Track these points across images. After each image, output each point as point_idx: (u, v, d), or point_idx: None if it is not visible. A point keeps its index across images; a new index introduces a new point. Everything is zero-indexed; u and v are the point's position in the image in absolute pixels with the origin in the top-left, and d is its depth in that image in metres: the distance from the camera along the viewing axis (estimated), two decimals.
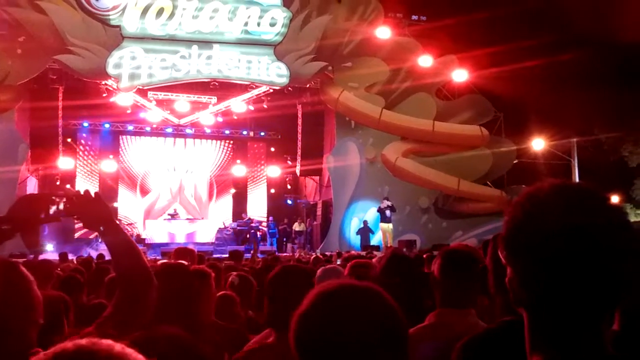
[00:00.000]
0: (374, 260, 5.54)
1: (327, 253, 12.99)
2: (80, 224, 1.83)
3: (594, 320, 0.98)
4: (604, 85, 19.26)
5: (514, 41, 17.16)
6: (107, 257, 6.94)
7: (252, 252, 14.75)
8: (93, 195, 1.82)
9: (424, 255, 6.13)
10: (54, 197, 1.75)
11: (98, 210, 1.78)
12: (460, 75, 18.82)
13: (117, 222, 1.85)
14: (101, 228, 1.78)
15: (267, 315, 2.57)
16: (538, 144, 20.76)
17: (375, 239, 17.63)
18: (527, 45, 17.36)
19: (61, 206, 1.75)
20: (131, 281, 1.73)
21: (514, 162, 19.82)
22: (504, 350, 1.66)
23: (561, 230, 0.97)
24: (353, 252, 13.28)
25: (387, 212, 17.07)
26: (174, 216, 20.10)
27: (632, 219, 25.13)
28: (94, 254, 13.50)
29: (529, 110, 21.03)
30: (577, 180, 21.35)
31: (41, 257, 13.25)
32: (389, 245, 15.72)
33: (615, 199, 26.36)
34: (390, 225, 17.14)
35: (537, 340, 1.02)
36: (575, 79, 19.98)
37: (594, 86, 19.67)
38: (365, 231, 17.82)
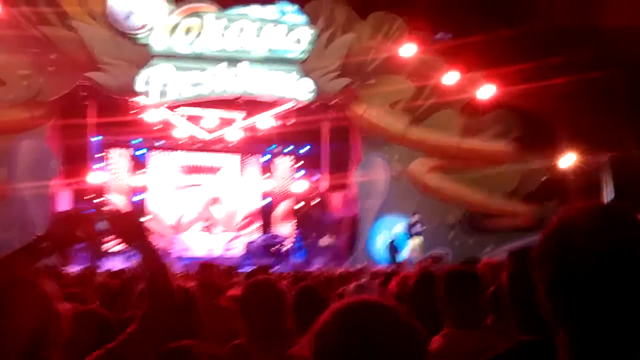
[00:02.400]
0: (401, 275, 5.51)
1: (351, 270, 12.93)
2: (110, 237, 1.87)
3: (630, 341, 0.96)
4: (637, 103, 18.91)
5: (542, 58, 16.98)
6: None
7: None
8: (128, 212, 1.87)
9: None
10: (91, 216, 1.80)
11: (133, 228, 1.83)
12: (486, 92, 18.68)
13: (150, 239, 1.88)
14: (136, 244, 1.83)
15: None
16: (568, 159, 20.44)
17: (404, 254, 17.49)
18: (556, 62, 17.16)
19: (98, 224, 1.80)
20: (158, 299, 1.77)
21: (543, 178, 19.53)
22: None
23: (594, 248, 0.97)
24: (381, 267, 13.22)
25: (418, 226, 16.97)
26: (205, 229, 20.30)
27: None
28: (121, 265, 13.67)
29: (559, 127, 20.72)
30: (607, 196, 20.95)
31: (72, 269, 13.43)
32: (419, 260, 15.61)
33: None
34: (420, 239, 17.00)
35: (571, 355, 1.01)
36: (607, 97, 19.66)
37: (626, 103, 19.34)
38: (392, 246, 17.70)
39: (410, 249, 17.16)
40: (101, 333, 2.20)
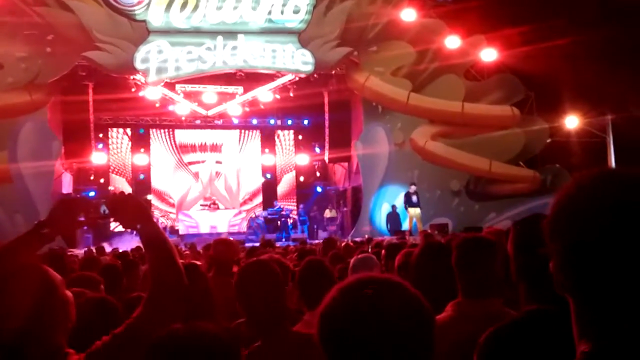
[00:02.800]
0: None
1: (357, 239, 13.00)
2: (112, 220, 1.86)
3: None
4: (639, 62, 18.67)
5: (544, 19, 16.72)
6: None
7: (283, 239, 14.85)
8: (128, 194, 1.85)
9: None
10: (92, 200, 1.79)
11: (134, 210, 1.81)
12: (489, 55, 18.45)
13: (154, 219, 1.87)
14: (138, 226, 1.80)
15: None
16: (571, 122, 20.30)
17: (404, 225, 17.54)
18: (558, 23, 16.91)
19: (100, 208, 1.79)
20: (163, 281, 1.75)
21: (547, 141, 19.44)
22: (531, 340, 1.62)
23: (607, 212, 0.94)
24: (385, 238, 13.27)
25: (414, 197, 17.00)
26: (211, 205, 20.37)
27: None
28: (129, 246, 13.77)
29: (562, 89, 20.52)
30: (612, 158, 20.87)
31: (79, 251, 13.54)
32: (420, 230, 15.63)
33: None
34: (418, 210, 17.04)
35: (585, 327, 0.99)
36: (609, 56, 19.42)
37: (629, 63, 19.10)
38: (394, 216, 17.74)
39: (408, 219, 17.20)
40: (108, 319, 2.20)
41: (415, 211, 17.00)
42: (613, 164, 20.80)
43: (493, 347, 1.66)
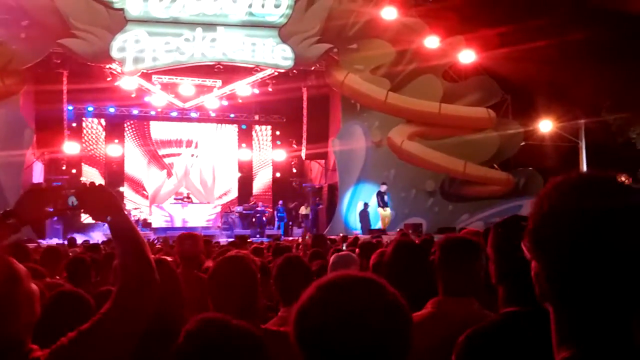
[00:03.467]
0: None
1: (332, 237, 12.98)
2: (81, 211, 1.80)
3: (623, 315, 0.95)
4: (612, 66, 19.03)
5: (521, 21, 16.93)
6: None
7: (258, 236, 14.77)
8: (98, 185, 1.79)
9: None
10: (62, 191, 1.72)
11: (105, 202, 1.75)
12: (467, 57, 18.62)
13: (125, 212, 1.81)
14: (108, 218, 1.74)
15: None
16: (545, 126, 20.62)
17: (378, 224, 17.62)
18: (535, 25, 17.12)
19: (69, 199, 1.72)
20: (133, 275, 1.69)
21: (521, 144, 19.70)
22: (510, 342, 1.62)
23: (587, 222, 0.94)
24: (359, 235, 13.29)
25: (385, 197, 17.13)
26: (184, 199, 20.14)
27: None
28: (102, 237, 13.57)
29: (536, 92, 20.83)
30: (584, 162, 21.25)
31: (49, 242, 13.33)
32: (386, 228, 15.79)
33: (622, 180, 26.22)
34: (389, 210, 17.17)
35: (564, 334, 0.99)
36: (583, 60, 19.74)
37: (602, 67, 19.44)
38: (365, 214, 17.80)
39: (379, 218, 17.31)
40: (76, 313, 2.14)
41: (385, 211, 17.14)
42: (585, 168, 21.18)
43: (472, 348, 1.67)
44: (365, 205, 17.86)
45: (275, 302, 3.34)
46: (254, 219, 19.42)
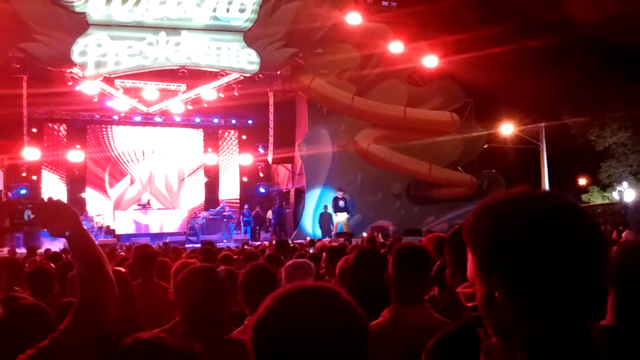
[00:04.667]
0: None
1: (299, 241, 12.99)
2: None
3: (575, 317, 1.00)
4: (571, 70, 19.56)
5: (483, 27, 17.29)
6: None
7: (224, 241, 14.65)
8: (56, 200, 1.78)
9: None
10: (19, 206, 1.70)
11: (63, 217, 1.74)
12: (430, 61, 18.89)
13: (83, 227, 1.80)
14: (67, 234, 1.73)
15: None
16: (507, 129, 21.06)
17: (333, 229, 17.69)
18: (496, 31, 17.50)
19: (24, 213, 1.71)
20: (92, 291, 1.68)
21: (484, 147, 20.07)
22: (477, 346, 1.66)
23: (535, 246, 0.98)
24: (326, 240, 13.31)
25: (341, 203, 17.24)
26: (145, 206, 19.80)
27: (599, 201, 25.72)
28: (63, 245, 13.26)
29: (498, 96, 21.28)
30: (545, 164, 21.74)
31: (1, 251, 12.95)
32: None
33: (582, 181, 26.99)
34: (345, 215, 17.30)
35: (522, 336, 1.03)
36: (542, 65, 20.24)
37: (560, 72, 19.96)
38: (326, 217, 17.83)
39: (335, 224, 17.41)
40: (35, 327, 2.09)
41: (342, 216, 17.26)
42: (546, 169, 21.70)
43: (440, 352, 1.70)
44: (325, 207, 17.92)
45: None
46: (220, 224, 19.26)
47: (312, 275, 3.60)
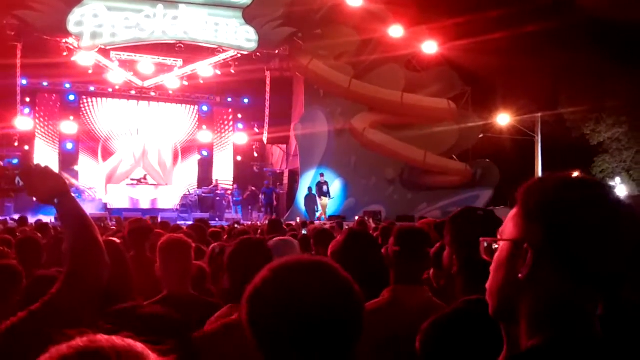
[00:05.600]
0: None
1: (291, 222, 12.97)
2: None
3: (588, 304, 1.00)
4: (571, 59, 19.47)
5: (483, 12, 17.14)
6: None
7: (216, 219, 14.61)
8: (45, 167, 1.76)
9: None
10: (5, 172, 1.67)
11: (51, 184, 1.73)
12: (429, 48, 18.78)
13: (72, 195, 1.77)
14: (55, 201, 1.72)
15: (227, 290, 2.52)
16: (503, 119, 21.04)
17: (317, 213, 17.77)
18: (496, 15, 17.36)
19: (15, 179, 1.67)
20: (82, 257, 1.68)
21: (480, 136, 20.07)
22: (474, 329, 1.65)
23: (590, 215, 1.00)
24: (318, 223, 13.32)
25: (324, 187, 17.30)
26: (140, 180, 19.73)
27: None
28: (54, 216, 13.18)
29: (496, 85, 21.22)
30: (539, 155, 21.77)
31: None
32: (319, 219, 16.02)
33: (575, 175, 27.04)
34: (327, 200, 17.37)
35: (533, 324, 1.02)
36: (541, 53, 20.15)
37: (559, 61, 19.87)
38: (311, 199, 17.86)
39: (320, 208, 17.51)
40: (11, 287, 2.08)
41: (324, 200, 17.32)
42: (540, 161, 21.74)
43: (437, 334, 1.72)
44: (309, 189, 17.92)
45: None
46: (212, 203, 19.22)
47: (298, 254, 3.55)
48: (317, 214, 17.40)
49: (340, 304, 1.12)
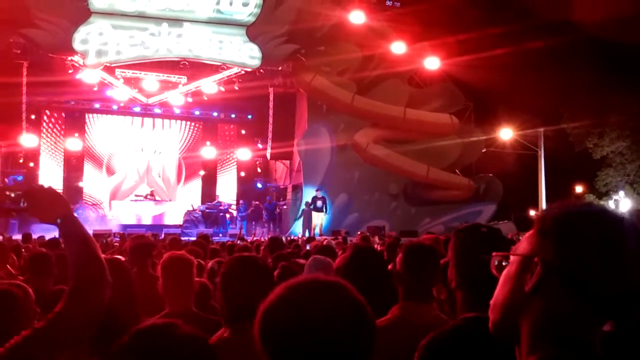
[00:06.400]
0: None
1: (292, 237, 12.98)
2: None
3: (591, 322, 1.00)
4: (573, 74, 19.53)
5: (486, 28, 17.27)
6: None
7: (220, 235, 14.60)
8: (47, 188, 1.79)
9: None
10: (7, 192, 1.71)
11: (53, 205, 1.76)
12: (432, 63, 18.88)
13: (74, 214, 1.81)
14: (58, 221, 1.75)
15: (220, 308, 2.51)
16: (506, 133, 21.07)
17: (313, 228, 17.68)
18: (499, 32, 17.49)
19: (20, 200, 1.70)
20: (84, 276, 1.70)
21: (482, 151, 20.08)
22: (470, 347, 1.66)
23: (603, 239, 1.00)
24: (321, 237, 13.29)
25: (319, 203, 17.26)
26: (146, 197, 19.78)
27: None
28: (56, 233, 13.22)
29: (498, 100, 21.29)
30: (542, 169, 21.76)
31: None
32: (313, 235, 15.93)
33: (579, 189, 27.01)
34: (322, 215, 17.32)
35: (535, 340, 1.03)
36: (543, 69, 20.23)
37: (561, 77, 19.94)
38: (309, 214, 17.80)
39: (314, 224, 17.43)
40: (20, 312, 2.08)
41: (319, 216, 17.29)
42: (543, 176, 21.72)
43: (433, 352, 1.70)
44: (307, 204, 17.89)
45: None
46: (216, 218, 19.23)
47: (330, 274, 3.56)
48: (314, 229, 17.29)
49: (354, 326, 1.13)
